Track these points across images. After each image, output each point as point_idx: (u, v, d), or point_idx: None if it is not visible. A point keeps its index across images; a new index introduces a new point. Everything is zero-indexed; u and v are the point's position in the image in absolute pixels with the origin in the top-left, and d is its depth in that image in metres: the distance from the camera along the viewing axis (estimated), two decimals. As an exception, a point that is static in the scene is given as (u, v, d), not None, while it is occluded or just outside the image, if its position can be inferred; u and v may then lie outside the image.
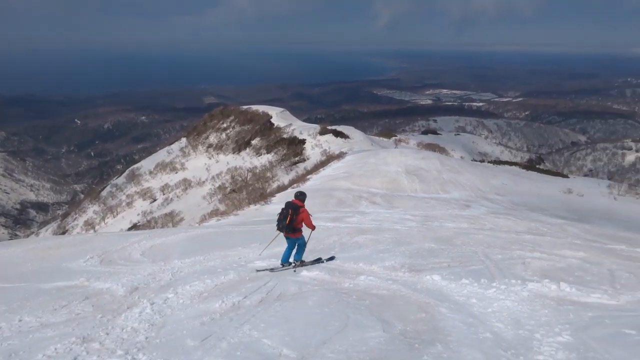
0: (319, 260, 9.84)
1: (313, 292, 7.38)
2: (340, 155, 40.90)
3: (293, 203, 9.09)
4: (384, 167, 32.50)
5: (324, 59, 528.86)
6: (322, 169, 35.91)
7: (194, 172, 57.85)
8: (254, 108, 71.65)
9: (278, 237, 9.80)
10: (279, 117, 66.20)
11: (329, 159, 40.69)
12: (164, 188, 54.78)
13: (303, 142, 54.08)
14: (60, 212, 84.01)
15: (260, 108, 71.35)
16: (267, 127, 63.52)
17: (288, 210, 8.95)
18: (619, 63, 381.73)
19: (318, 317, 6.09)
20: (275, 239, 10.10)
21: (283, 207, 9.10)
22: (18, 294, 8.10)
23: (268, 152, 56.50)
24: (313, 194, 26.02)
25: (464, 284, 7.66)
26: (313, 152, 49.97)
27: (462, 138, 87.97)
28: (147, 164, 64.86)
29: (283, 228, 9.03)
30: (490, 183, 30.89)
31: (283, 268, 9.30)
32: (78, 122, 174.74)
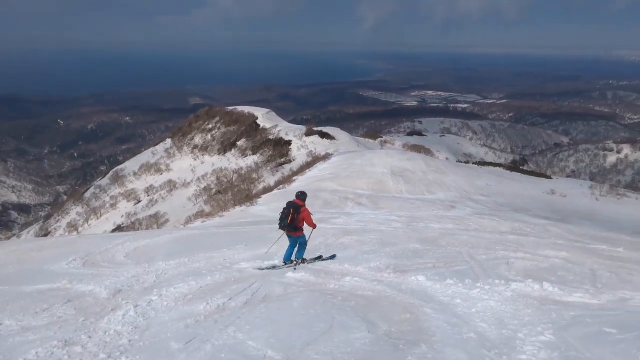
0: (320, 258, 10.12)
1: (298, 293, 7.37)
2: (326, 157, 40.91)
3: (294, 203, 9.41)
4: (370, 168, 32.58)
5: (310, 60, 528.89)
6: (308, 170, 35.89)
7: (179, 173, 57.42)
8: (240, 109, 71.35)
9: (263, 236, 9.80)
10: (265, 118, 66.01)
11: (315, 160, 40.69)
12: (149, 189, 54.27)
13: (289, 143, 53.99)
14: (43, 213, 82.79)
15: (246, 109, 71.08)
16: (253, 128, 63.29)
17: (290, 210, 9.28)
18: (601, 66, 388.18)
19: (303, 318, 6.08)
20: (261, 239, 10.09)
21: (285, 206, 9.41)
22: (-2, 298, 7.97)
23: (254, 153, 56.29)
24: (299, 195, 26.01)
25: (449, 285, 7.71)
26: (299, 153, 49.91)
27: (447, 139, 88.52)
28: (131, 165, 64.20)
29: (285, 227, 9.35)
30: (475, 184, 31.13)
31: (285, 266, 9.52)
32: (61, 122, 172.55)
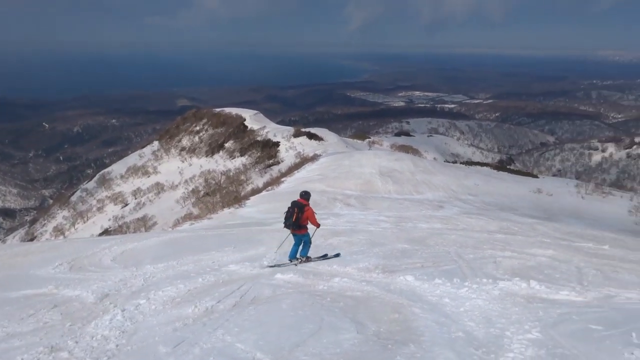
0: (325, 257, 10.34)
1: (287, 295, 7.36)
2: (315, 158, 40.93)
3: (298, 202, 9.64)
4: (358, 169, 32.65)
5: (297, 62, 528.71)
6: (296, 172, 35.88)
7: (167, 175, 57.07)
8: (227, 110, 71.16)
9: (251, 237, 9.80)
10: (253, 119, 65.87)
11: (303, 162, 40.68)
12: (136, 192, 53.87)
13: (277, 144, 53.95)
14: (28, 218, 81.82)
15: (234, 110, 70.93)
16: (240, 129, 63.13)
17: (294, 209, 9.52)
18: (585, 66, 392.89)
19: (292, 320, 6.07)
20: (249, 241, 10.07)
21: (289, 205, 9.64)
22: (-17, 304, 7.85)
23: (242, 154, 56.15)
24: (288, 197, 25.94)
25: (437, 284, 7.74)
26: (287, 154, 49.88)
27: (434, 139, 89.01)
28: (118, 168, 63.72)
29: (290, 225, 9.59)
30: (463, 184, 31.31)
31: (291, 263, 9.81)
32: (46, 125, 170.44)
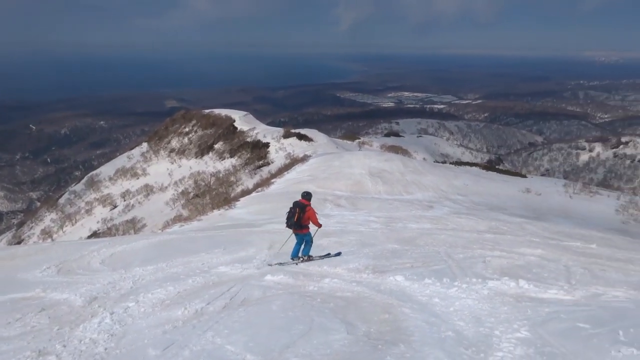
0: (328, 255, 10.56)
1: (277, 296, 7.34)
2: (305, 159, 40.93)
3: (300, 202, 9.86)
4: (348, 169, 32.70)
5: (286, 63, 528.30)
6: (286, 173, 35.85)
7: (156, 177, 56.77)
8: (217, 112, 70.93)
9: (247, 238, 9.78)
10: (242, 120, 65.74)
11: (293, 163, 40.66)
12: (125, 194, 53.53)
13: (267, 145, 53.86)
14: (15, 221, 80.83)
15: (223, 112, 70.70)
16: (230, 131, 62.95)
17: (295, 209, 9.74)
18: (572, 66, 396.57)
19: (282, 321, 6.06)
20: (239, 242, 10.04)
21: (291, 206, 9.84)
22: (-31, 308, 7.74)
23: (231, 156, 55.99)
24: (278, 198, 25.95)
25: (427, 284, 7.76)
26: (277, 155, 49.82)
27: (424, 140, 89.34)
28: (106, 170, 63.28)
29: (291, 225, 9.82)
30: (452, 184, 31.47)
31: (293, 262, 10.01)
32: (33, 127, 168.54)
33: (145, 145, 68.83)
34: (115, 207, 51.40)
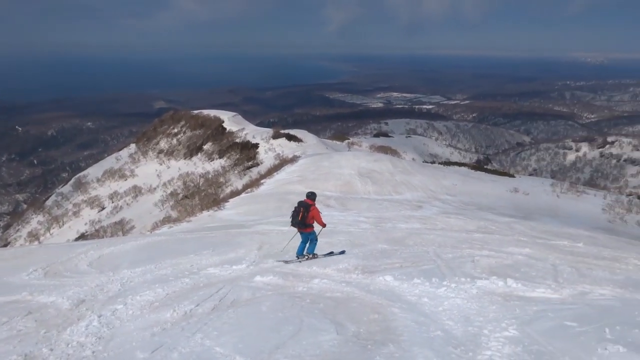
0: (332, 254, 10.86)
1: (267, 297, 7.33)
2: (294, 159, 40.87)
3: (305, 202, 10.16)
4: (338, 170, 32.72)
5: (275, 63, 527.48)
6: (275, 173, 35.77)
7: (145, 178, 56.38)
8: (205, 112, 70.65)
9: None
10: (231, 121, 65.54)
11: (283, 163, 40.58)
12: (113, 196, 53.11)
13: (256, 146, 53.72)
14: (2, 223, 79.69)
15: (212, 112, 70.44)
16: (219, 131, 62.72)
17: (300, 208, 10.05)
18: (558, 67, 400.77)
19: (272, 322, 6.05)
20: (228, 243, 10.01)
21: (296, 205, 10.16)
22: (-47, 312, 7.63)
23: (220, 157, 55.79)
24: (267, 199, 25.92)
25: (416, 284, 7.79)
26: (266, 156, 49.71)
27: (413, 140, 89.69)
28: (94, 172, 62.72)
29: (296, 224, 10.14)
30: (441, 184, 31.62)
31: (298, 260, 10.28)
32: (19, 128, 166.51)
33: (134, 147, 68.38)
34: (103, 208, 50.98)
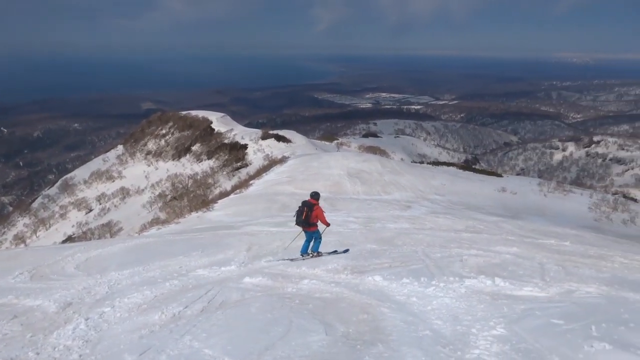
0: (335, 252, 11.06)
1: (256, 298, 7.30)
2: (283, 160, 40.83)
3: (308, 202, 10.33)
4: (327, 170, 32.73)
5: (263, 64, 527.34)
6: (264, 174, 35.71)
7: (133, 180, 56.05)
8: (194, 113, 70.42)
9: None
10: (220, 122, 65.35)
11: (272, 164, 40.53)
12: (101, 197, 52.71)
13: (245, 147, 53.60)
14: (-13, 226, 78.89)
15: (200, 113, 70.21)
16: (207, 132, 62.51)
17: (304, 208, 10.21)
18: (544, 67, 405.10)
19: (261, 323, 6.02)
20: (217, 245, 9.97)
21: (300, 205, 10.33)
22: (-63, 317, 7.51)
23: (209, 157, 55.60)
24: (256, 199, 25.85)
25: (405, 284, 7.80)
26: (255, 157, 49.62)
27: (401, 140, 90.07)
28: (81, 173, 62.22)
29: (300, 223, 10.31)
30: (430, 184, 31.75)
31: (302, 258, 10.48)
32: (4, 130, 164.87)
33: (121, 148, 67.98)
34: (91, 210, 50.56)
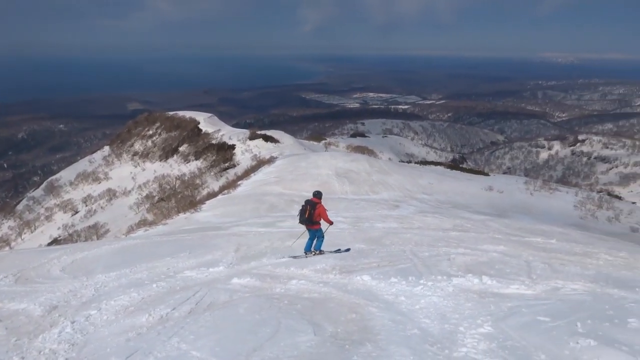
0: (338, 251, 11.25)
1: (244, 299, 7.27)
2: (271, 160, 40.78)
3: (311, 200, 10.52)
4: (315, 170, 32.74)
5: (251, 64, 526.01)
6: (252, 174, 35.63)
7: (119, 181, 55.60)
8: (181, 114, 70.05)
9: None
10: (207, 122, 65.06)
11: (260, 164, 40.45)
12: (87, 199, 52.18)
13: (233, 147, 53.42)
14: (-30, 229, 77.74)
15: (187, 114, 69.88)
16: (194, 133, 62.20)
17: (307, 206, 10.42)
18: (529, 67, 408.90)
19: (249, 324, 6.00)
20: (205, 246, 9.94)
21: (303, 203, 10.53)
22: None
23: (197, 158, 55.34)
24: (245, 200, 25.78)
25: (393, 283, 7.82)
26: (243, 157, 49.48)
27: (389, 140, 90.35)
28: (67, 175, 61.58)
29: (303, 221, 10.53)
30: (418, 183, 31.90)
31: (306, 256, 10.66)
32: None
33: (107, 149, 67.42)
34: (77, 212, 50.04)
